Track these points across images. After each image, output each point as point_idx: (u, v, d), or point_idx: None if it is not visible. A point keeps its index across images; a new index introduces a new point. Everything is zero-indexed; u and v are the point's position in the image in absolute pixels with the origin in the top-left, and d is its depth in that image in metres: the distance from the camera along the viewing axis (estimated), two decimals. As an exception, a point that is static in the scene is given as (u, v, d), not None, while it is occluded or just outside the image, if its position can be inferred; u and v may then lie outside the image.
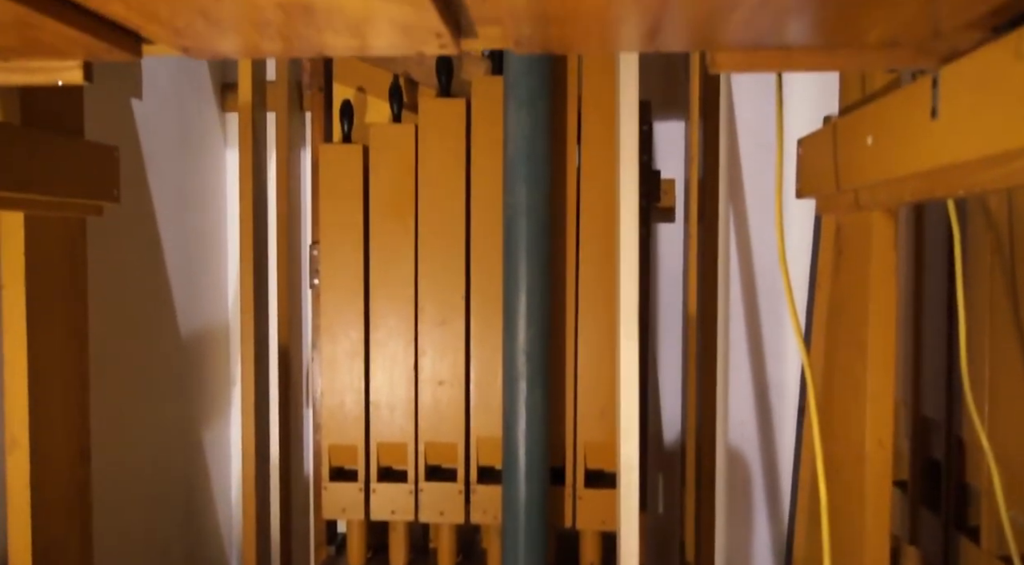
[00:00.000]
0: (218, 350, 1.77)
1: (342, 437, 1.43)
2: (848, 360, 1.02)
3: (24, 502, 1.05)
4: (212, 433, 1.74)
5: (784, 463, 1.74)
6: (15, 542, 1.06)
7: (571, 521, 1.39)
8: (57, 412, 1.11)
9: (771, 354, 1.73)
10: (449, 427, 1.41)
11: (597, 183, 1.38)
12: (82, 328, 1.18)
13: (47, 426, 1.08)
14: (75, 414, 1.16)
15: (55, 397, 1.11)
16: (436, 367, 1.41)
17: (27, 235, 1.06)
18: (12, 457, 1.05)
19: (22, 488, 1.05)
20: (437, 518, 1.41)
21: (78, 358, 1.17)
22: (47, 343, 1.09)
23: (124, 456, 1.43)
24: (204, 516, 1.72)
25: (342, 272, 1.43)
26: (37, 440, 1.06)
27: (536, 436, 1.29)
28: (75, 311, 1.17)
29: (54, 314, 1.11)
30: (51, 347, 1.10)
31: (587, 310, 1.38)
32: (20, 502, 1.05)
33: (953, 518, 1.14)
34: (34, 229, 1.07)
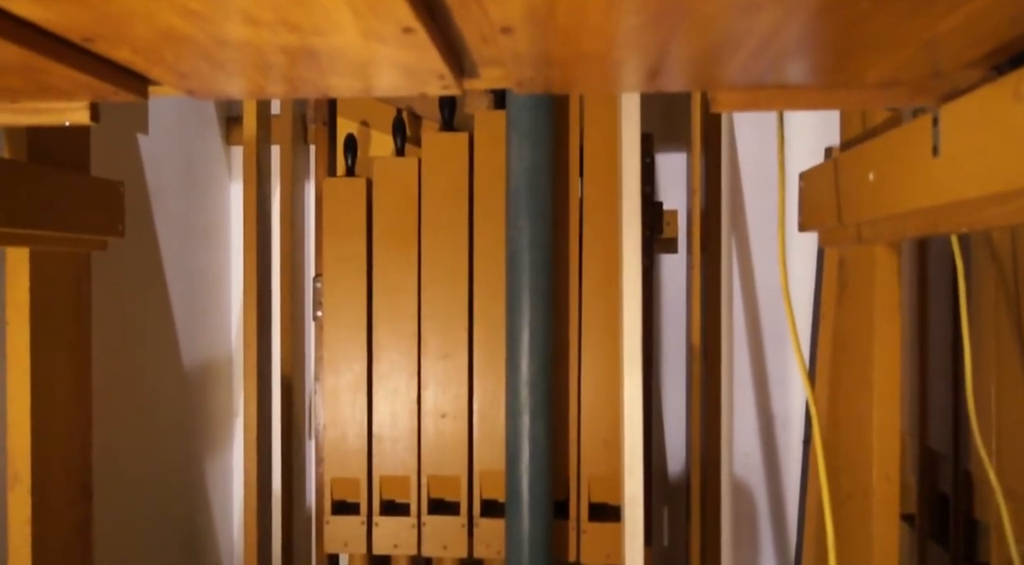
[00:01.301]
0: (221, 382, 1.77)
1: (344, 470, 1.42)
2: (853, 394, 1.02)
3: (24, 539, 1.04)
4: (214, 465, 1.74)
5: (790, 495, 1.73)
6: None
7: (575, 555, 1.38)
8: (60, 448, 1.11)
9: (775, 385, 1.73)
10: (452, 460, 1.40)
11: (600, 215, 1.39)
12: (86, 363, 1.18)
13: (49, 462, 1.08)
14: (78, 450, 1.16)
15: (58, 432, 1.10)
16: (439, 400, 1.40)
17: (32, 270, 1.07)
18: (13, 493, 1.05)
19: (23, 524, 1.04)
20: (440, 552, 1.40)
21: (81, 393, 1.16)
22: (51, 378, 1.09)
23: (125, 489, 1.42)
24: (206, 549, 1.71)
25: (345, 305, 1.43)
26: (39, 476, 1.06)
27: (539, 469, 1.29)
28: (79, 346, 1.17)
29: (58, 349, 1.11)
30: (54, 382, 1.10)
31: (590, 342, 1.38)
32: (20, 539, 1.05)
33: (962, 552, 1.13)
34: (39, 264, 1.08)
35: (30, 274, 1.06)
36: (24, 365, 1.05)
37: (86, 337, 1.18)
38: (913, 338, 1.27)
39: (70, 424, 1.14)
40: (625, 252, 1.24)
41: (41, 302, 1.08)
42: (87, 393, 1.18)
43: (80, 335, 1.17)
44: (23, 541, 1.05)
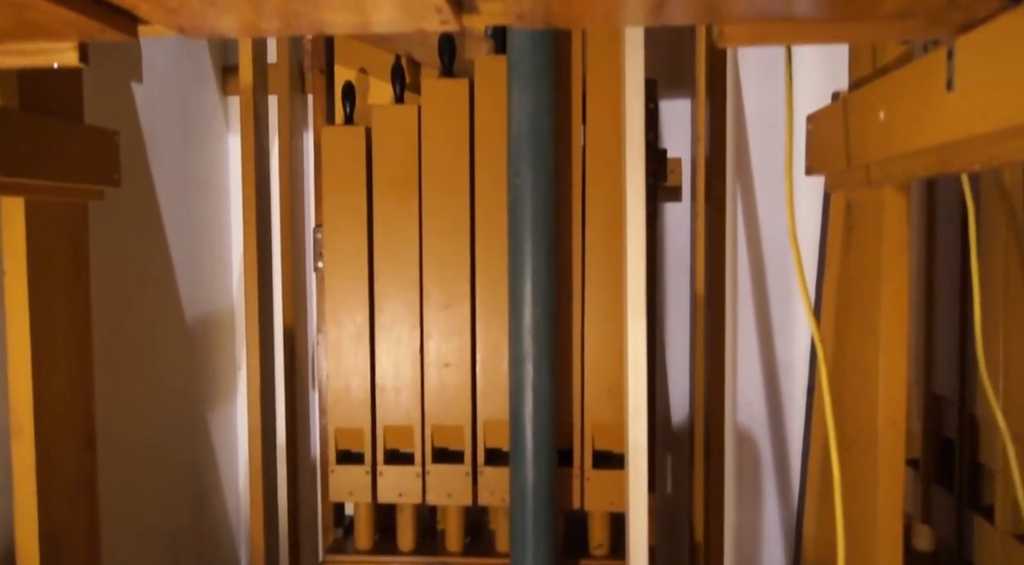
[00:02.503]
0: (223, 335, 1.77)
1: (348, 420, 1.42)
2: (859, 339, 1.01)
3: (30, 489, 1.05)
4: (218, 418, 1.74)
5: (793, 443, 1.74)
6: (22, 530, 1.06)
7: (579, 502, 1.39)
8: (62, 398, 1.10)
9: (779, 333, 1.72)
10: (455, 409, 1.40)
11: (603, 162, 1.37)
12: (85, 313, 1.17)
13: (52, 412, 1.08)
14: (80, 400, 1.15)
15: (59, 383, 1.10)
16: (442, 350, 1.40)
17: (28, 221, 1.05)
18: (17, 443, 1.05)
19: (27, 475, 1.04)
20: (444, 500, 1.41)
21: (82, 343, 1.16)
22: (50, 328, 1.08)
23: (130, 442, 1.42)
24: (212, 501, 1.72)
25: (346, 255, 1.42)
26: (42, 426, 1.05)
27: (543, 418, 1.28)
28: (78, 296, 1.16)
29: (57, 299, 1.11)
30: (54, 332, 1.09)
31: (593, 290, 1.37)
32: (26, 489, 1.05)
33: (967, 497, 1.13)
34: (35, 215, 1.06)
35: (26, 224, 1.05)
36: (23, 316, 1.05)
37: (85, 289, 1.17)
38: (920, 283, 1.26)
39: (71, 376, 1.13)
40: (628, 200, 1.22)
41: (38, 253, 1.07)
42: (88, 345, 1.17)
43: (79, 286, 1.16)
44: (28, 492, 1.05)
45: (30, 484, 1.05)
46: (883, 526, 0.96)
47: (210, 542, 1.71)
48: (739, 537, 1.76)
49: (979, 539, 1.10)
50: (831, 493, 1.53)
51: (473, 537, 1.49)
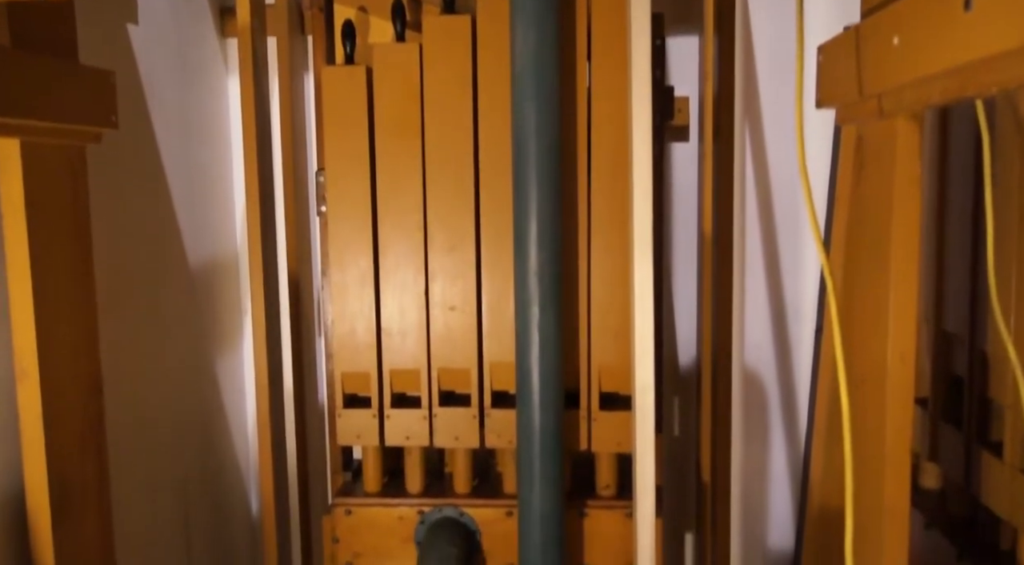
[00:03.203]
0: (228, 281, 1.76)
1: (354, 364, 1.42)
2: (869, 274, 1.00)
3: (38, 433, 1.05)
4: (225, 364, 1.74)
5: (801, 384, 1.73)
6: (31, 474, 1.07)
7: (586, 444, 1.39)
8: (66, 343, 1.10)
9: (788, 274, 1.70)
10: (462, 353, 1.39)
11: (608, 101, 1.34)
12: (87, 259, 1.16)
13: (56, 357, 1.07)
14: (84, 345, 1.15)
15: (62, 328, 1.09)
16: (447, 293, 1.39)
17: (25, 164, 1.04)
18: (23, 388, 1.05)
19: (35, 419, 1.04)
20: (452, 443, 1.41)
21: (84, 289, 1.15)
22: (51, 273, 1.08)
23: (137, 389, 1.43)
24: (221, 446, 1.73)
25: (349, 198, 1.40)
26: (47, 371, 1.05)
27: (549, 360, 1.27)
28: (79, 241, 1.15)
29: (57, 244, 1.10)
30: (56, 277, 1.09)
31: (599, 231, 1.36)
32: (34, 434, 1.05)
33: (975, 433, 1.12)
34: (32, 157, 1.05)
35: (23, 167, 1.04)
36: (24, 260, 1.04)
37: (85, 232, 1.16)
38: (931, 218, 1.24)
39: (75, 321, 1.13)
40: (634, 139, 1.20)
41: (37, 196, 1.06)
42: (91, 290, 1.17)
43: (79, 230, 1.15)
44: (36, 436, 1.05)
45: (37, 429, 1.05)
46: (891, 462, 0.95)
47: (220, 487, 1.73)
48: (746, 478, 1.76)
49: (987, 475, 1.09)
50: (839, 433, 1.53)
51: (481, 479, 1.50)
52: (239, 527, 1.81)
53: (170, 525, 1.53)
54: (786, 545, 1.79)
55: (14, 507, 1.08)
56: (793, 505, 1.77)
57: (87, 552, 1.15)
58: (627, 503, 1.39)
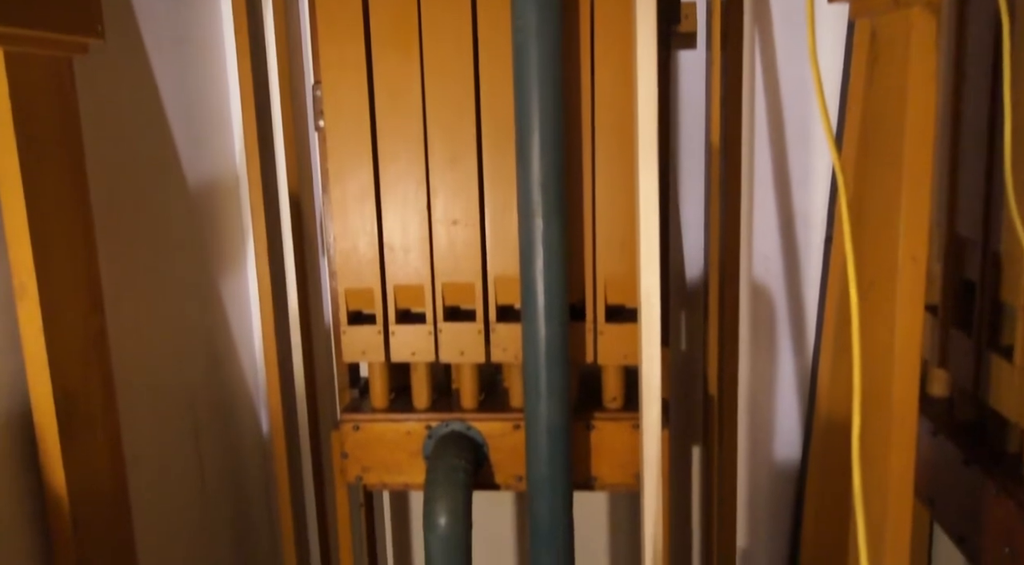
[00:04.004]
0: (228, 200, 1.74)
1: (358, 281, 1.40)
2: (882, 174, 0.97)
3: (40, 349, 1.05)
4: (229, 284, 1.73)
5: (809, 296, 1.71)
6: (36, 389, 1.07)
7: (592, 357, 1.38)
8: (64, 259, 1.09)
9: (797, 184, 1.67)
10: (466, 267, 1.38)
11: (613, 5, 1.29)
12: (80, 173, 1.14)
13: (54, 272, 1.06)
14: (83, 262, 1.14)
15: (59, 244, 1.08)
16: (449, 206, 1.36)
17: (10, 75, 1.01)
18: (22, 305, 1.04)
19: (36, 334, 1.04)
20: (457, 358, 1.41)
21: (79, 204, 1.13)
22: (45, 188, 1.06)
23: (140, 309, 1.42)
24: (228, 366, 1.74)
25: (347, 112, 1.36)
26: (46, 287, 1.05)
27: (554, 272, 1.26)
28: (70, 156, 1.13)
29: (49, 159, 1.07)
30: (49, 192, 1.07)
31: (604, 140, 1.32)
32: (36, 350, 1.05)
33: (986, 337, 1.11)
34: (17, 68, 1.02)
35: (8, 78, 1.01)
36: (15, 174, 1.02)
37: (77, 147, 1.14)
38: (947, 116, 1.20)
39: (72, 236, 1.12)
40: (639, 44, 1.16)
41: (25, 109, 1.03)
42: (86, 205, 1.15)
43: (71, 145, 1.13)
44: (39, 351, 1.05)
45: (39, 344, 1.05)
46: (901, 366, 0.94)
47: (229, 406, 1.74)
48: (753, 391, 1.76)
49: (996, 379, 1.08)
50: (847, 344, 1.52)
51: (488, 394, 1.50)
52: (250, 443, 1.83)
53: (180, 441, 1.55)
54: (793, 457, 1.80)
55: (21, 423, 1.09)
56: (800, 417, 1.78)
57: (96, 466, 1.16)
58: (634, 415, 1.40)
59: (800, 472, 1.79)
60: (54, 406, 1.06)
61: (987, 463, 1.10)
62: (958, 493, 1.17)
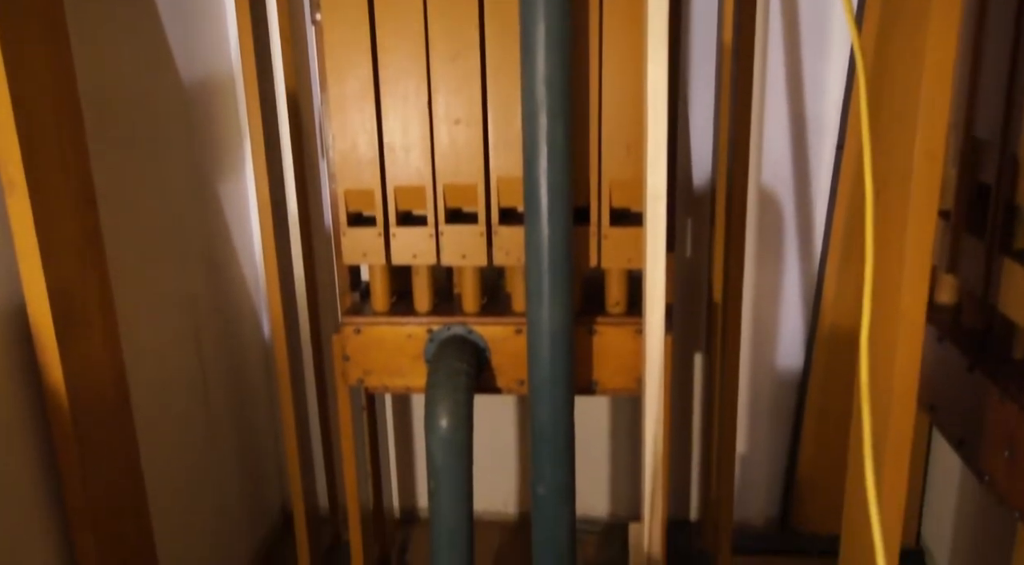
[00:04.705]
0: (224, 100, 1.69)
1: (357, 181, 1.37)
2: (900, 69, 0.93)
3: (32, 245, 1.03)
4: (227, 186, 1.70)
5: (818, 203, 1.68)
6: (30, 287, 1.05)
7: (596, 260, 1.36)
8: (53, 154, 1.06)
9: (810, 87, 1.62)
10: (468, 168, 1.34)
11: None
12: (67, 69, 1.10)
13: (44, 168, 1.03)
14: (73, 156, 1.11)
15: (48, 139, 1.05)
16: (451, 105, 1.32)
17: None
18: (12, 199, 1.02)
19: (27, 230, 1.02)
20: (459, 261, 1.39)
21: (67, 100, 1.10)
22: (30, 82, 1.02)
23: (137, 209, 1.39)
24: (228, 271, 1.72)
25: (344, 4, 1.31)
26: (35, 181, 1.02)
27: (558, 173, 1.22)
28: (57, 50, 1.08)
29: (33, 53, 1.03)
30: (36, 85, 1.03)
31: (612, 36, 1.27)
32: (28, 244, 1.03)
33: (999, 241, 1.08)
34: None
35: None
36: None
37: (64, 41, 1.09)
38: (971, 15, 1.14)
39: (60, 131, 1.08)
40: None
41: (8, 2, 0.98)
42: (75, 102, 1.11)
43: (57, 39, 1.08)
44: (31, 247, 1.03)
45: (31, 239, 1.03)
46: (911, 266, 0.92)
47: (230, 308, 1.73)
48: (757, 298, 1.75)
49: (1007, 283, 1.06)
50: (854, 253, 1.50)
51: (489, 299, 1.48)
52: (251, 348, 1.83)
53: (181, 346, 1.55)
54: (795, 365, 1.79)
55: (17, 322, 1.07)
56: (804, 326, 1.77)
57: (95, 365, 1.15)
58: (636, 320, 1.38)
59: (801, 380, 1.80)
60: (49, 304, 1.04)
61: (991, 369, 1.09)
62: (960, 398, 1.16)
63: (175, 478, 1.50)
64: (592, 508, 1.95)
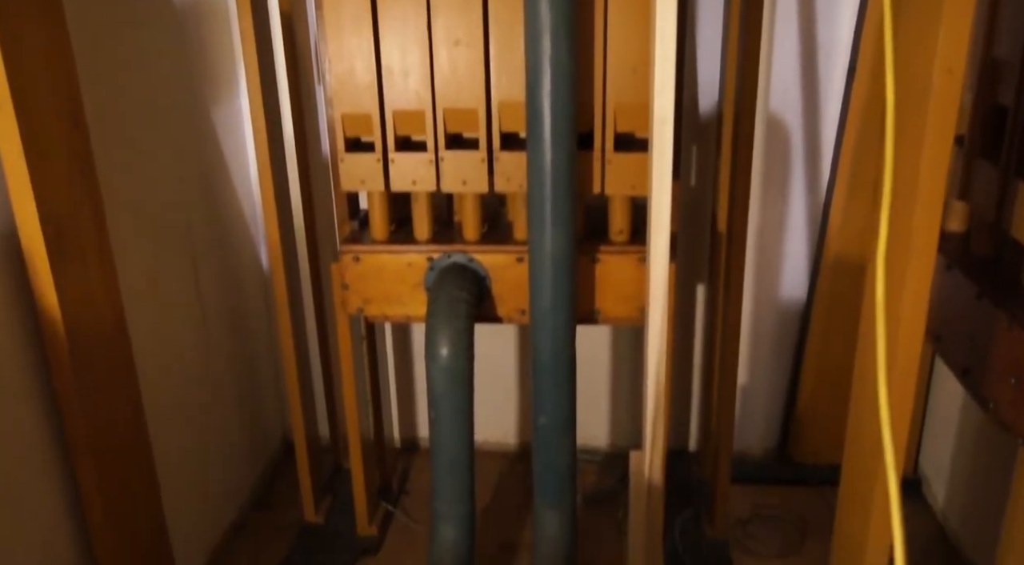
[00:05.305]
0: (218, 24, 1.64)
1: (355, 105, 1.34)
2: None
3: (20, 165, 1.00)
4: (222, 111, 1.66)
5: (827, 130, 1.64)
6: (20, 209, 1.03)
7: (600, 187, 1.33)
8: (39, 75, 1.02)
9: (822, 9, 1.56)
10: (468, 92, 1.31)
11: None
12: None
13: (30, 88, 1.00)
14: (64, 78, 1.07)
15: (34, 58, 1.01)
16: (451, 26, 1.28)
17: None
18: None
19: (15, 149, 0.99)
20: (459, 187, 1.36)
21: (53, 19, 1.05)
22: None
23: (129, 131, 1.36)
24: (225, 199, 1.69)
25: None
26: (21, 101, 0.98)
27: (562, 96, 1.19)
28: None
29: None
30: (19, 6, 0.99)
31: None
32: (16, 165, 1.00)
33: (1014, 165, 1.05)
34: None
35: None
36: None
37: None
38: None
39: (47, 51, 1.04)
40: None
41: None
42: (60, 21, 1.07)
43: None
44: (19, 168, 1.01)
45: (20, 161, 1.00)
46: (926, 187, 0.89)
47: (227, 237, 1.71)
48: (762, 229, 1.72)
49: (1021, 208, 1.04)
50: (862, 181, 1.47)
51: (490, 227, 1.46)
52: (250, 276, 1.81)
53: (178, 276, 1.53)
54: (798, 296, 1.78)
55: (9, 248, 1.05)
56: (808, 256, 1.75)
57: (91, 291, 1.13)
58: (640, 249, 1.36)
59: (804, 311, 1.78)
60: (40, 226, 1.02)
61: (1000, 296, 1.07)
62: (967, 326, 1.15)
63: (175, 409, 1.50)
64: (592, 438, 1.96)
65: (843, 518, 1.17)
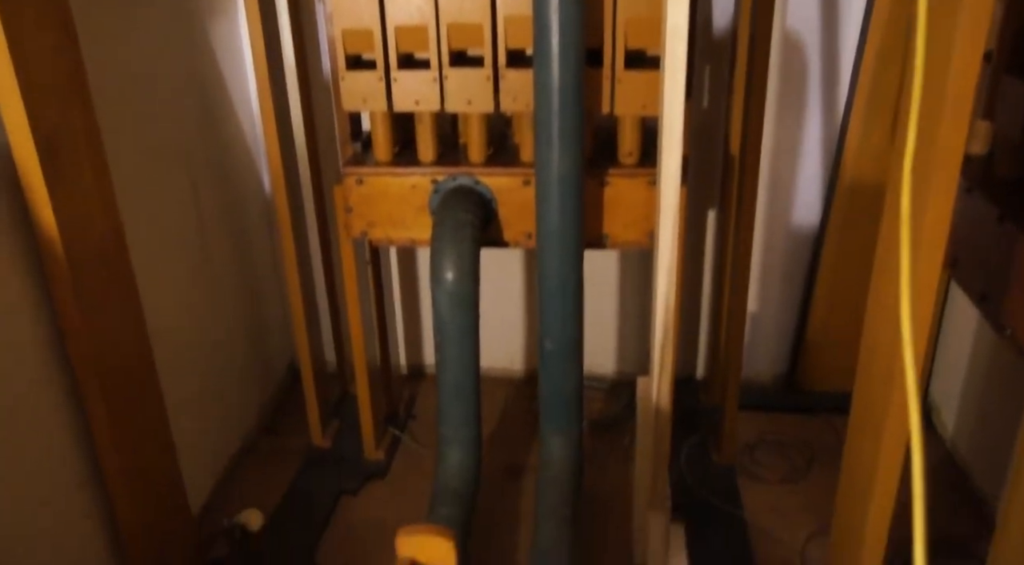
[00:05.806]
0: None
1: (355, 20, 1.29)
2: None
3: (11, 83, 0.96)
4: (220, 31, 1.60)
5: (845, 50, 1.58)
6: (14, 134, 0.99)
7: (609, 107, 1.29)
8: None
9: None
10: (473, 5, 1.25)
11: None
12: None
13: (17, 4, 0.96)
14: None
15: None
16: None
17: None
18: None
19: (5, 68, 0.95)
20: (464, 107, 1.32)
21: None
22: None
23: (123, 57, 1.31)
24: (224, 120, 1.65)
25: None
26: (8, 11, 0.94)
27: (570, 11, 1.14)
28: None
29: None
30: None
31: None
32: (7, 84, 0.97)
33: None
34: None
35: None
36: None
37: None
38: None
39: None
40: None
41: None
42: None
43: None
44: (10, 87, 0.97)
45: (10, 77, 0.96)
46: (952, 103, 0.86)
47: (228, 160, 1.67)
48: (776, 152, 1.68)
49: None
50: (879, 105, 1.42)
51: (497, 149, 1.42)
52: (251, 201, 1.78)
53: (178, 200, 1.50)
54: (811, 220, 1.74)
55: (4, 166, 1.02)
56: (822, 181, 1.70)
57: (86, 209, 1.11)
58: (650, 171, 1.33)
59: (817, 236, 1.75)
60: (34, 143, 0.99)
61: (1023, 219, 1.04)
62: (987, 251, 1.11)
63: (179, 335, 1.48)
64: (599, 365, 1.95)
65: (853, 443, 1.15)
